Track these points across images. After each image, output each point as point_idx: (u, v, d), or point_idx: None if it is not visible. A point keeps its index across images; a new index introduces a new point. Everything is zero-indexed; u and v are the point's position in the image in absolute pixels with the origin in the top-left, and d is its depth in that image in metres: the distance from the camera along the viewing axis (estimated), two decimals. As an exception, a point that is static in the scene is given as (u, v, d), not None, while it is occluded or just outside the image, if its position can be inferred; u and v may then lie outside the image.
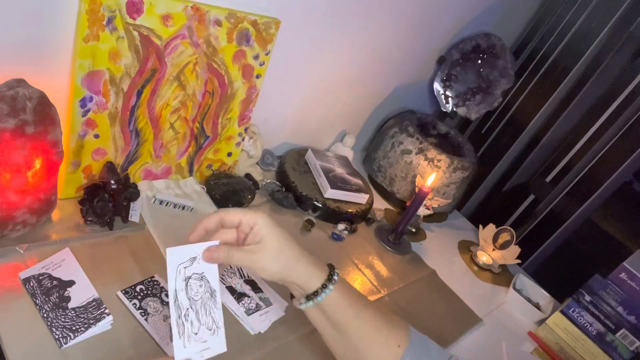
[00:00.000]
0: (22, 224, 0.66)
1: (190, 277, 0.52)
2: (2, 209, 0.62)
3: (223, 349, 0.54)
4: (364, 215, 1.12)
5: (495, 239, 1.21)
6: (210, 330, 0.53)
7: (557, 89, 1.46)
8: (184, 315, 0.51)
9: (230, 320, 0.71)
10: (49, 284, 0.62)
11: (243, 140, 0.99)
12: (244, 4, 0.81)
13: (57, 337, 0.57)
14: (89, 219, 0.74)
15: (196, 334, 0.51)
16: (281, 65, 0.97)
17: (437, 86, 1.41)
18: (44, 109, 0.62)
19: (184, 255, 0.52)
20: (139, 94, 0.76)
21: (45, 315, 0.59)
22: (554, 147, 1.50)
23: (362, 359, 0.56)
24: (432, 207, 1.20)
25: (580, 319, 1.01)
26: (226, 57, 0.83)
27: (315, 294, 0.55)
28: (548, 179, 1.51)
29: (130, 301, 0.66)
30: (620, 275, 0.97)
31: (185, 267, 0.52)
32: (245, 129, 0.97)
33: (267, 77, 0.92)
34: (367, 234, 1.11)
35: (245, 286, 0.77)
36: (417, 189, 1.15)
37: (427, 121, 1.39)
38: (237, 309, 0.73)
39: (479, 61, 1.38)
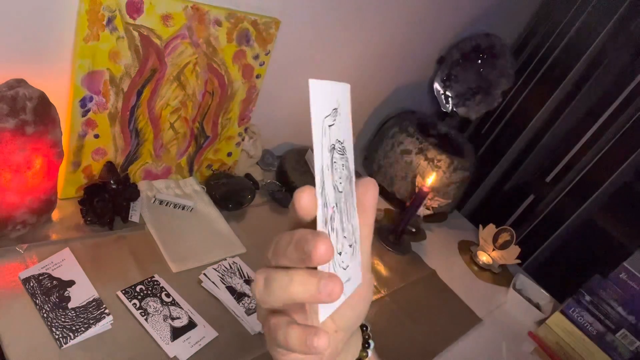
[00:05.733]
0: (22, 224, 0.66)
1: (334, 147, 0.30)
2: (2, 209, 0.62)
3: (359, 279, 0.33)
4: (364, 215, 1.12)
5: (495, 239, 1.21)
6: (350, 246, 0.31)
7: (557, 89, 1.46)
8: (330, 217, 0.29)
9: (230, 320, 0.71)
10: (49, 284, 0.62)
11: (243, 140, 0.99)
12: (244, 4, 0.81)
13: (57, 337, 0.57)
14: (89, 219, 0.74)
15: (340, 253, 0.30)
16: (281, 65, 0.97)
17: (437, 86, 1.41)
18: (44, 109, 0.62)
19: (328, 98, 0.30)
20: (139, 94, 0.76)
21: (45, 315, 0.59)
22: (554, 147, 1.49)
23: None
24: (432, 207, 1.20)
25: (580, 319, 1.01)
26: (226, 57, 0.83)
27: None
28: (548, 179, 1.51)
29: (130, 301, 0.66)
30: (620, 275, 0.97)
31: (329, 126, 0.29)
32: (245, 129, 0.97)
33: (267, 77, 0.92)
34: (367, 234, 1.11)
35: (245, 286, 0.77)
36: (417, 189, 1.15)
37: (427, 121, 1.39)
38: (237, 309, 0.73)
39: (479, 61, 1.38)
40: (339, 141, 0.31)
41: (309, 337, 0.27)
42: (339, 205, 0.30)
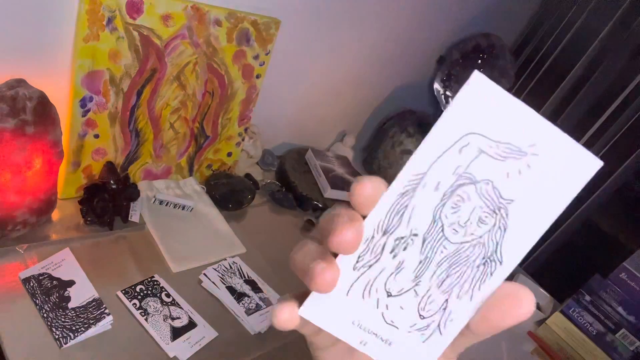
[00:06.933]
0: (22, 224, 0.66)
1: (461, 185, 0.22)
2: (2, 209, 0.62)
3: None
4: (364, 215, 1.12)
5: (495, 239, 1.21)
6: (434, 315, 0.26)
7: (557, 89, 1.46)
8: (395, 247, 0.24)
9: (230, 320, 0.71)
10: (49, 284, 0.62)
11: (243, 140, 0.99)
12: (244, 4, 0.81)
13: (57, 337, 0.57)
14: (89, 219, 0.74)
15: (391, 294, 0.25)
16: (281, 65, 0.97)
17: (437, 86, 1.41)
18: (44, 109, 0.62)
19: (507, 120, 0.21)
20: (139, 94, 0.76)
21: (45, 315, 0.59)
22: (554, 147, 1.49)
23: None
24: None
25: (580, 319, 1.01)
26: (226, 57, 0.83)
27: None
28: (548, 179, 1.51)
29: (130, 301, 0.66)
30: (620, 275, 0.97)
31: (482, 154, 0.22)
32: (245, 129, 0.97)
33: (267, 77, 0.92)
34: (367, 234, 1.11)
35: (245, 286, 0.77)
36: (417, 189, 1.14)
37: (427, 121, 1.39)
38: (237, 309, 0.73)
39: (479, 61, 1.38)
40: (490, 181, 0.22)
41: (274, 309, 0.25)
42: (431, 232, 0.23)
